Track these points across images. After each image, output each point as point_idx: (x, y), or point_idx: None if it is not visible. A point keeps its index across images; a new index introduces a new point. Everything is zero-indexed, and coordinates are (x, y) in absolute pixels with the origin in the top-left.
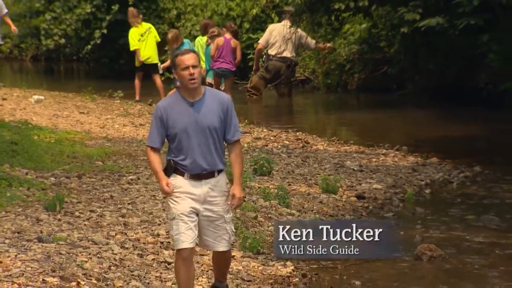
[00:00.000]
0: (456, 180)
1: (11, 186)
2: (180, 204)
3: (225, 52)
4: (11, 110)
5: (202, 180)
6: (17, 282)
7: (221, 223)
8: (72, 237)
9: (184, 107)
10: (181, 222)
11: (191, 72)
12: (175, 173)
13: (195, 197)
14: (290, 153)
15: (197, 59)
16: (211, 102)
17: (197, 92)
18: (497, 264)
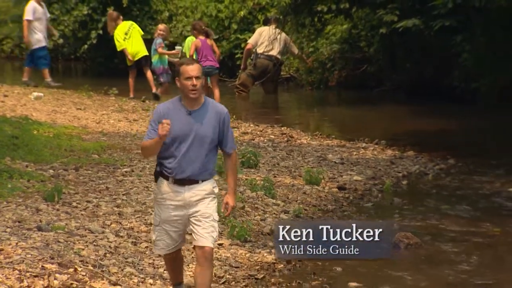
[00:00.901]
0: (431, 172)
1: (12, 178)
2: (164, 212)
3: (206, 51)
4: (12, 106)
5: (185, 185)
6: (17, 268)
7: (210, 220)
8: (69, 226)
9: (182, 115)
10: (162, 231)
11: (194, 83)
12: (161, 177)
13: (178, 203)
14: (276, 147)
15: (201, 70)
16: (209, 113)
17: (197, 102)
18: (469, 251)
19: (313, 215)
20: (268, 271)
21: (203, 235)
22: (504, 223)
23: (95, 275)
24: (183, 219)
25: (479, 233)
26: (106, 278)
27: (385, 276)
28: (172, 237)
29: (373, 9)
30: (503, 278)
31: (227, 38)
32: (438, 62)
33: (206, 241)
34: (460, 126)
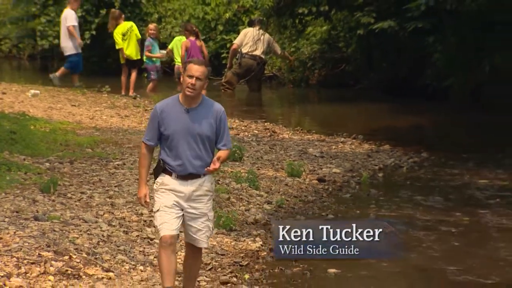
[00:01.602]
0: (405, 165)
1: (10, 170)
2: (165, 198)
3: (194, 52)
4: (10, 103)
5: (188, 180)
6: (15, 256)
7: (204, 220)
8: (64, 216)
9: (180, 112)
10: (164, 213)
11: (193, 82)
12: (164, 173)
13: (180, 194)
14: (259, 141)
15: (204, 73)
16: (206, 111)
17: (194, 101)
18: (442, 238)
19: (294, 205)
20: (252, 258)
21: (199, 236)
22: (474, 213)
23: (89, 262)
24: (182, 207)
25: (450, 222)
26: (99, 265)
27: (362, 262)
28: (174, 217)
29: (351, 11)
30: (473, 264)
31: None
32: (412, 61)
33: (202, 243)
34: (433, 122)
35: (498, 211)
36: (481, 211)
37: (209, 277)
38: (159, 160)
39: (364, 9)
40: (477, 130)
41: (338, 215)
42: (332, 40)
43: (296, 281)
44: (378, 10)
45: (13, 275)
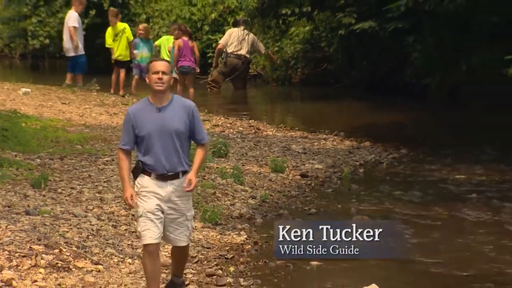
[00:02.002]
0: (385, 160)
1: (2, 166)
2: (147, 203)
3: (186, 52)
4: (1, 100)
5: (167, 181)
6: (7, 249)
7: (183, 220)
8: (55, 210)
9: (152, 112)
10: (147, 220)
11: (160, 76)
12: (143, 173)
13: (160, 196)
14: (244, 138)
15: (169, 68)
16: (177, 108)
17: (164, 98)
18: (419, 232)
19: (278, 200)
20: (237, 251)
21: (178, 236)
22: (451, 207)
23: (79, 255)
24: (162, 210)
25: (428, 216)
26: (89, 258)
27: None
28: (156, 225)
29: (333, 12)
30: (450, 257)
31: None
32: (392, 61)
33: (181, 242)
34: (412, 119)
35: (475, 206)
36: (458, 205)
37: (195, 270)
38: (137, 162)
39: (346, 10)
40: (454, 128)
41: (321, 210)
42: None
43: (280, 273)
44: (359, 11)
45: (4, 267)
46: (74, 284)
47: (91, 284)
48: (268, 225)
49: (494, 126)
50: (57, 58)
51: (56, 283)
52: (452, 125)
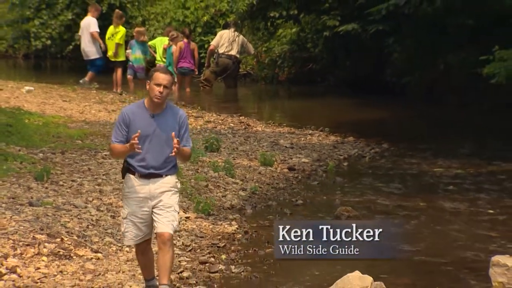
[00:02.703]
0: (368, 155)
1: (7, 160)
2: (131, 206)
3: (186, 53)
4: (6, 98)
5: (150, 179)
6: (12, 238)
7: (171, 210)
8: (57, 202)
9: (146, 117)
10: (130, 222)
11: (161, 90)
12: (128, 173)
13: (144, 195)
14: (235, 134)
15: (171, 82)
16: (169, 116)
17: (160, 107)
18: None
19: (267, 192)
20: (229, 240)
21: (164, 223)
22: (430, 198)
23: (79, 244)
24: (148, 211)
25: (408, 206)
26: (89, 247)
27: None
28: (139, 228)
29: (318, 15)
30: (429, 245)
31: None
32: (373, 61)
33: (166, 228)
34: (392, 115)
35: (452, 197)
36: (436, 197)
37: (189, 257)
38: (124, 161)
39: (330, 13)
40: (432, 123)
41: (307, 201)
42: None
43: (269, 260)
44: (342, 14)
45: (9, 255)
46: (75, 271)
47: (91, 271)
48: (257, 216)
49: (470, 122)
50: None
51: (58, 270)
52: (430, 121)
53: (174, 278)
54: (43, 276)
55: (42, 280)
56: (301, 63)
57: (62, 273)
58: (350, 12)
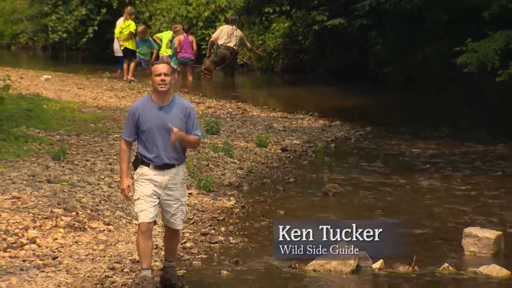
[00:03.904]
0: (353, 137)
1: (27, 141)
2: (144, 188)
3: (185, 45)
4: (26, 86)
5: (164, 170)
6: (32, 212)
7: (178, 205)
8: (72, 179)
9: (154, 110)
10: (143, 202)
11: (162, 78)
12: (142, 164)
13: (157, 183)
14: (233, 118)
15: (169, 69)
16: (176, 108)
17: (166, 98)
18: (382, 197)
19: (262, 171)
20: (227, 214)
21: (175, 220)
22: (408, 176)
23: (93, 217)
24: (159, 195)
25: (389, 183)
26: (101, 220)
27: (317, 217)
28: (152, 206)
29: (308, 10)
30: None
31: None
32: (358, 52)
33: (177, 225)
34: (375, 102)
35: (429, 175)
36: (414, 174)
37: (191, 230)
38: (137, 154)
39: (319, 9)
40: (411, 108)
41: (298, 179)
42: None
43: (263, 232)
44: (330, 9)
45: (30, 227)
46: (89, 242)
47: (103, 242)
48: (253, 192)
49: (445, 107)
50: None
51: (74, 241)
52: (409, 107)
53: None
54: (60, 246)
55: (59, 250)
56: (293, 54)
57: (77, 243)
58: (337, 8)
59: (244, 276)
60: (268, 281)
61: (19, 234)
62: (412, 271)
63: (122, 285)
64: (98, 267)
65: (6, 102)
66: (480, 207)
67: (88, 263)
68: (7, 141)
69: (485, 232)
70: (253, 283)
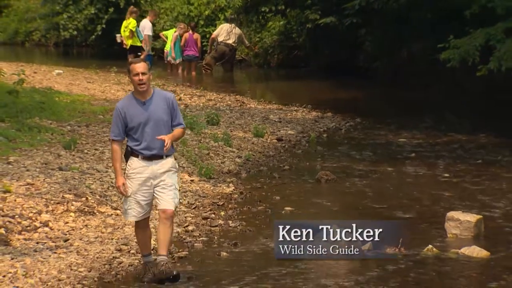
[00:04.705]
0: (344, 127)
1: (40, 132)
2: (134, 185)
3: (190, 43)
4: (39, 80)
5: (152, 160)
6: (44, 197)
7: (172, 188)
8: (82, 167)
9: (138, 106)
10: (133, 200)
11: (140, 78)
12: (132, 156)
13: (148, 175)
14: (232, 110)
15: (146, 67)
16: (159, 100)
17: (147, 93)
18: (370, 183)
19: (259, 159)
20: (227, 199)
21: (167, 200)
22: (395, 164)
23: (101, 202)
24: (150, 190)
25: (377, 170)
26: (109, 205)
27: (310, 202)
28: (141, 205)
29: (302, 9)
30: (395, 202)
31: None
32: (349, 49)
33: (169, 205)
34: (365, 95)
35: (414, 163)
36: (400, 162)
37: (193, 214)
38: (127, 146)
39: (312, 8)
40: (397, 101)
41: (293, 166)
42: (287, 32)
43: (260, 216)
44: (322, 8)
45: (43, 212)
46: (98, 225)
47: (111, 225)
48: (251, 179)
49: (429, 100)
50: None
51: (83, 224)
52: (396, 100)
53: (180, 231)
54: (71, 229)
55: (70, 232)
56: (288, 50)
57: (87, 227)
58: (329, 7)
59: (242, 257)
60: (264, 262)
61: (33, 218)
62: (398, 252)
63: (128, 265)
64: (106, 249)
65: (21, 95)
66: (462, 193)
67: (97, 245)
68: (22, 131)
69: (466, 216)
70: (251, 264)
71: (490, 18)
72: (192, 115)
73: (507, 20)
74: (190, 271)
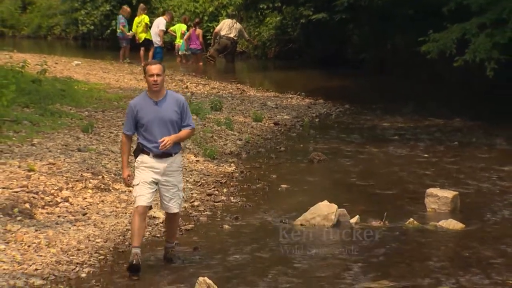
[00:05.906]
0: (334, 113)
1: (61, 117)
2: (144, 174)
3: (193, 38)
4: (60, 70)
5: (162, 158)
6: (65, 175)
7: (175, 191)
8: (98, 148)
9: (150, 105)
10: (142, 187)
11: (155, 79)
12: (142, 153)
13: (156, 170)
14: (233, 97)
15: (161, 69)
16: (171, 101)
17: (160, 94)
18: (358, 163)
19: (257, 142)
20: (229, 178)
21: (172, 204)
22: (380, 146)
23: (116, 180)
24: (157, 181)
25: (364, 152)
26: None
27: (304, 180)
28: (150, 192)
29: (296, 6)
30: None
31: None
32: (338, 42)
33: (173, 209)
34: (352, 83)
35: (397, 144)
36: (385, 144)
37: (198, 191)
38: (138, 144)
39: (306, 5)
40: (382, 89)
41: (288, 148)
42: (283, 27)
43: (259, 193)
44: (315, 5)
45: (63, 189)
46: (113, 201)
47: (125, 201)
48: (251, 159)
49: (411, 89)
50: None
51: (100, 200)
52: (381, 88)
53: (187, 206)
54: (88, 204)
55: (88, 207)
56: (283, 43)
57: (103, 202)
58: (321, 4)
59: (243, 230)
60: (263, 234)
61: (55, 194)
62: (383, 225)
63: None
64: (120, 222)
65: (43, 84)
66: (440, 171)
67: (112, 219)
68: (44, 116)
69: (444, 192)
70: (250, 236)
71: (465, 15)
72: (197, 102)
73: (481, 16)
74: (196, 242)
